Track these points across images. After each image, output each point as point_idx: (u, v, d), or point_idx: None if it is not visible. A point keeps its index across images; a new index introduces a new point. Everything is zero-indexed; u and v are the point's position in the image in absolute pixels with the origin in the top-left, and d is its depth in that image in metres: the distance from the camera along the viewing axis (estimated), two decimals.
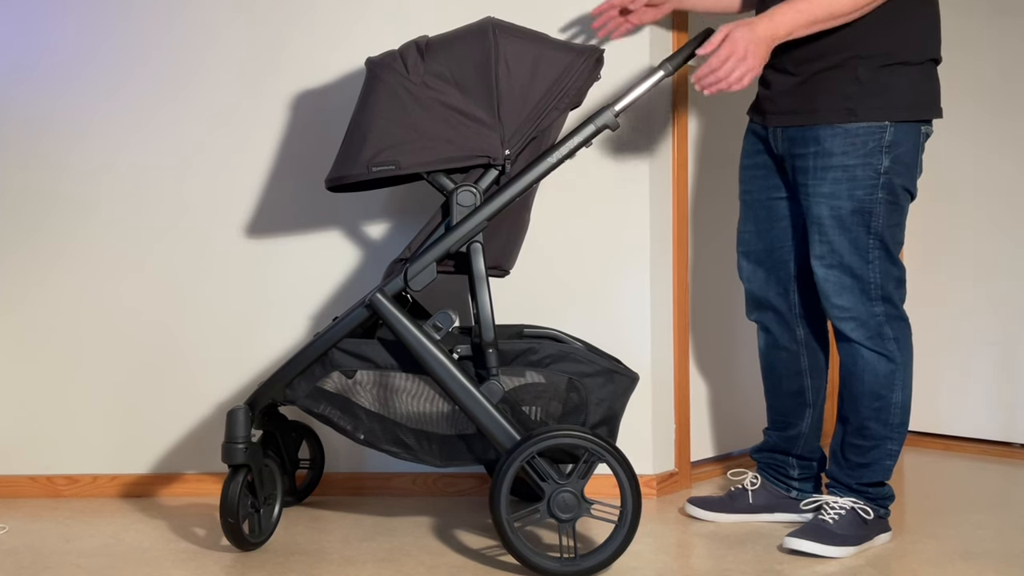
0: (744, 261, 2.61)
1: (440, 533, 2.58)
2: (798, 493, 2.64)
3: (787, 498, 2.64)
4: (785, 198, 2.52)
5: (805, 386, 2.61)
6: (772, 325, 2.60)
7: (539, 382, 2.36)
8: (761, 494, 2.65)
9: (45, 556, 2.43)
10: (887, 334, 2.40)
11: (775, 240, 2.55)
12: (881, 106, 2.33)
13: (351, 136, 2.35)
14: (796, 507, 2.62)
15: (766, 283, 2.57)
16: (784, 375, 2.61)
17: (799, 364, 2.59)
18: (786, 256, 2.55)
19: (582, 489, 2.24)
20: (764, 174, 2.54)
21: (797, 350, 2.59)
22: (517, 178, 2.34)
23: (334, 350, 2.37)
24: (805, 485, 2.65)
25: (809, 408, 2.62)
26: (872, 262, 2.38)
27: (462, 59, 2.31)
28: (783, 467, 2.65)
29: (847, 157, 2.34)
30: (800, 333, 2.58)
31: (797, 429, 2.62)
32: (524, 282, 2.85)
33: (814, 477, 2.66)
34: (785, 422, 2.64)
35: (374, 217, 2.92)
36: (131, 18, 2.92)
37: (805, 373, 2.60)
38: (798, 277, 2.55)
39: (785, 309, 2.57)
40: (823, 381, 2.63)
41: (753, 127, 2.57)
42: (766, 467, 2.68)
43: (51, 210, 2.93)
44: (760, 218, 2.56)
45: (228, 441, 2.37)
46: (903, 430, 2.46)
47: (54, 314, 2.93)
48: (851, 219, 2.36)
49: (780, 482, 2.66)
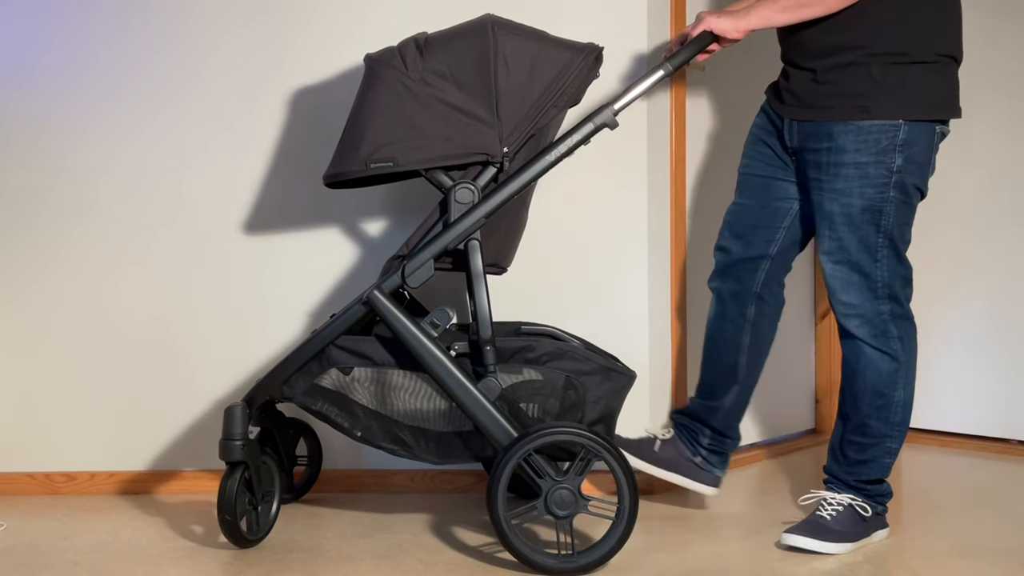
0: (727, 230, 2.62)
1: (438, 530, 2.58)
2: (703, 460, 2.67)
3: (690, 461, 2.67)
4: (788, 181, 2.53)
5: (740, 363, 2.63)
6: (727, 296, 2.62)
7: (536, 379, 2.36)
8: (668, 447, 2.68)
9: (43, 554, 2.43)
10: (892, 332, 2.40)
11: (765, 217, 2.56)
12: (895, 104, 2.33)
13: (349, 133, 2.35)
14: (696, 474, 2.66)
15: (740, 255, 2.59)
16: (723, 348, 2.64)
17: (740, 340, 2.62)
18: (770, 236, 2.56)
19: (579, 486, 2.24)
20: (771, 154, 2.55)
21: (743, 326, 2.61)
22: (515, 176, 2.34)
23: (331, 347, 2.37)
24: (712, 457, 2.68)
25: (737, 385, 2.64)
26: (880, 260, 2.38)
27: (461, 56, 2.31)
28: (696, 433, 2.69)
29: (860, 155, 2.34)
30: (751, 311, 2.60)
31: (719, 401, 2.65)
32: (522, 279, 2.85)
33: (723, 454, 2.69)
34: (711, 392, 2.67)
35: (372, 214, 2.92)
36: (132, 19, 2.91)
37: (743, 350, 2.63)
38: (773, 259, 2.57)
39: (748, 284, 2.59)
40: (758, 365, 2.65)
41: (767, 108, 2.58)
42: (681, 427, 2.72)
43: (48, 208, 2.93)
44: (756, 193, 2.57)
45: (225, 438, 2.37)
46: (904, 428, 2.46)
47: (52, 311, 2.93)
48: (861, 217, 2.36)
49: (689, 444, 2.68)
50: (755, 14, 2.38)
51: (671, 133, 2.96)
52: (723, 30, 2.39)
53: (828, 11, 2.32)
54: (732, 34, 2.39)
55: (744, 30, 2.39)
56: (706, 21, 2.40)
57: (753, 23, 2.38)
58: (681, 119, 2.99)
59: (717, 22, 2.39)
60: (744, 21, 2.38)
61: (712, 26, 2.39)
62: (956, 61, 2.39)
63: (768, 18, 2.37)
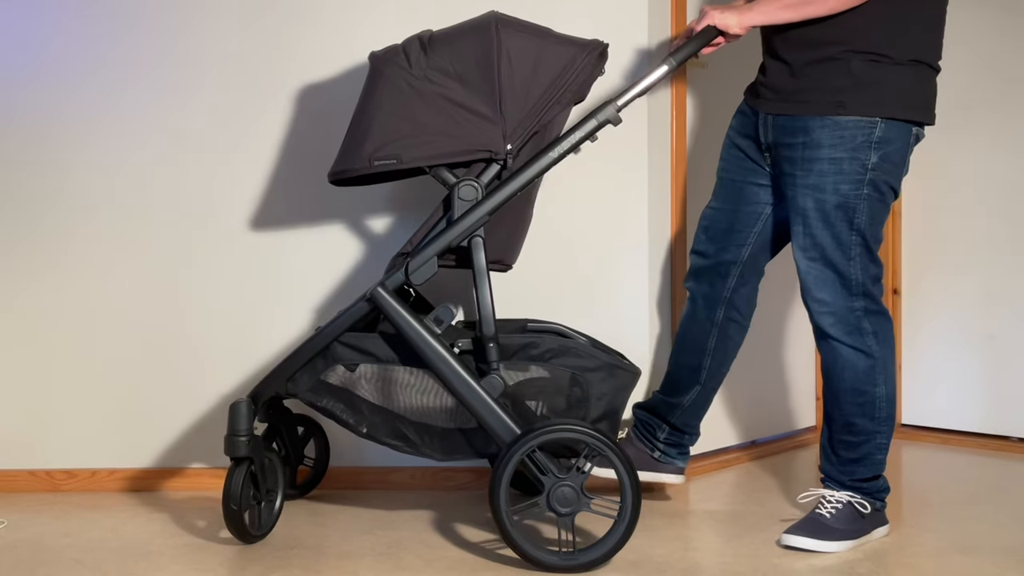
0: (702, 234, 2.63)
1: (439, 527, 2.58)
2: (661, 455, 2.69)
3: (649, 456, 2.69)
4: (760, 185, 2.54)
5: (703, 364, 2.65)
6: (699, 299, 2.64)
7: (542, 376, 2.36)
8: (626, 446, 2.69)
9: (44, 551, 2.43)
10: (866, 328, 2.41)
11: (737, 223, 2.57)
12: (872, 101, 2.33)
13: (353, 130, 2.35)
14: (657, 467, 2.69)
15: (714, 259, 2.60)
16: (690, 347, 2.66)
17: (706, 342, 2.63)
18: (741, 241, 2.57)
19: (582, 484, 2.25)
20: (744, 156, 2.56)
21: (710, 329, 2.63)
22: (519, 173, 2.35)
23: (336, 344, 2.38)
24: (670, 450, 2.70)
25: (698, 386, 2.66)
26: (853, 259, 2.39)
27: (465, 53, 2.32)
28: (653, 428, 2.70)
29: (835, 150, 2.35)
30: (719, 314, 2.61)
31: (679, 399, 2.67)
32: (524, 276, 2.86)
33: (679, 447, 2.71)
34: (673, 389, 2.68)
35: (376, 211, 2.92)
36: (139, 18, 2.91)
37: (708, 352, 2.64)
38: (744, 265, 2.58)
39: (719, 288, 2.61)
40: (722, 368, 2.67)
41: (744, 109, 2.58)
42: (639, 423, 2.74)
43: (54, 206, 2.92)
44: (729, 198, 2.58)
45: (231, 434, 2.37)
46: (890, 423, 2.47)
47: (55, 309, 2.93)
48: (835, 213, 2.37)
49: (646, 440, 2.70)
50: (758, 10, 2.39)
51: (671, 130, 2.97)
52: (726, 25, 2.40)
53: (831, 11, 2.33)
54: (735, 29, 2.40)
55: (746, 25, 2.40)
56: (709, 16, 2.41)
57: (756, 19, 2.40)
58: (682, 116, 3.00)
59: (720, 17, 2.40)
60: (747, 17, 2.39)
61: (716, 21, 2.41)
62: (935, 70, 2.40)
63: (771, 14, 2.38)
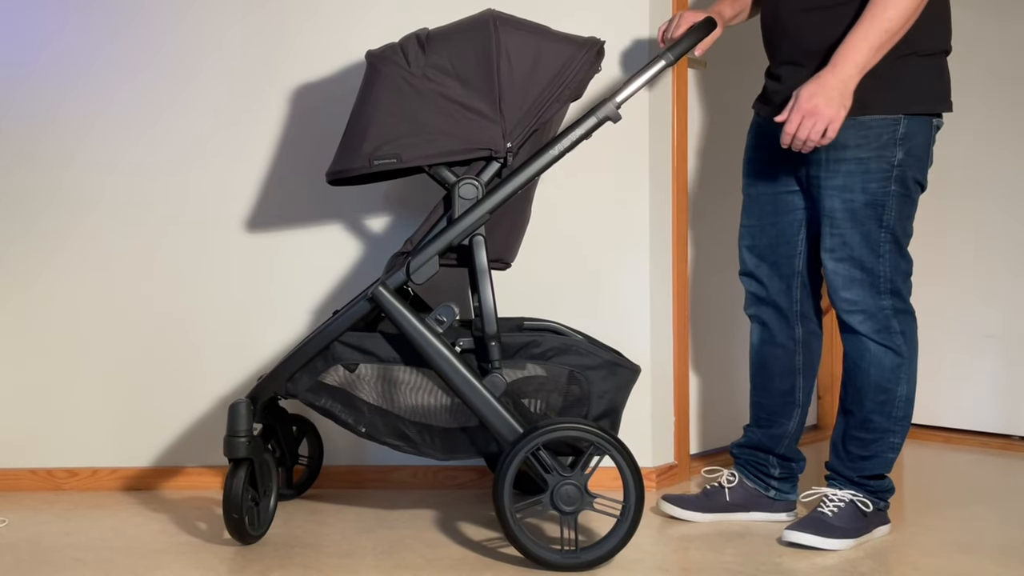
0: (748, 255, 2.58)
1: (440, 526, 2.58)
2: (776, 492, 2.62)
3: (764, 496, 2.62)
4: (792, 192, 2.50)
5: (797, 385, 2.59)
6: (771, 321, 2.58)
7: (540, 375, 2.36)
8: (738, 491, 2.62)
9: (45, 550, 2.43)
10: (894, 327, 2.40)
11: (780, 235, 2.53)
12: (895, 99, 2.32)
13: (352, 129, 2.35)
14: (772, 506, 2.61)
15: (770, 278, 2.56)
16: (777, 373, 2.59)
17: (794, 362, 2.58)
18: (791, 252, 2.53)
19: (585, 482, 2.24)
20: (770, 169, 2.52)
21: (794, 348, 2.57)
22: (519, 171, 2.34)
23: (336, 344, 2.37)
24: (784, 485, 2.63)
25: (798, 408, 2.60)
26: (883, 256, 2.37)
27: (463, 52, 2.31)
28: (764, 465, 2.63)
29: (861, 150, 2.34)
30: (799, 331, 2.56)
31: (783, 428, 2.60)
32: (525, 275, 2.85)
33: (792, 480, 2.64)
34: (771, 420, 2.61)
35: (375, 211, 2.92)
36: (136, 15, 2.91)
37: (798, 372, 2.58)
38: (802, 274, 2.54)
39: (787, 306, 2.56)
40: (813, 382, 2.62)
41: (759, 121, 2.55)
42: (746, 464, 2.65)
43: (52, 205, 2.92)
44: (765, 212, 2.54)
45: (230, 435, 2.36)
46: (906, 423, 2.46)
47: (55, 308, 2.93)
48: (864, 212, 2.35)
49: (759, 480, 2.63)
50: (852, 66, 2.22)
51: (672, 129, 2.96)
52: (828, 116, 2.23)
53: (907, 27, 2.25)
54: (841, 112, 2.24)
55: (849, 93, 2.24)
56: (801, 106, 2.24)
57: (854, 77, 2.23)
58: (683, 116, 2.99)
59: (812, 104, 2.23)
60: (845, 84, 2.22)
61: (809, 110, 2.23)
62: (947, 53, 2.39)
63: (867, 64, 2.24)
